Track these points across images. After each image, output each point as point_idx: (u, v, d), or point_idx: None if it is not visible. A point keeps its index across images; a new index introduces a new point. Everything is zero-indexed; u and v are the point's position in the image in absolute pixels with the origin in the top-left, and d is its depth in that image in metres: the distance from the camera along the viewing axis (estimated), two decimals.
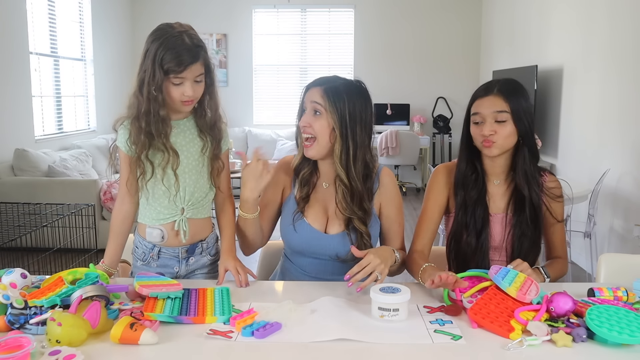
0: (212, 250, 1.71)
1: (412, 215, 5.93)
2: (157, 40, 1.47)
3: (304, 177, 1.66)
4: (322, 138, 1.56)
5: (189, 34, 1.50)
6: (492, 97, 1.58)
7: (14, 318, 1.21)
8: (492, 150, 1.58)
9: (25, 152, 4.63)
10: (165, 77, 1.47)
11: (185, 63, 1.46)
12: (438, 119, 7.17)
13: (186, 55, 1.46)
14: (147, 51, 1.49)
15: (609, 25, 3.98)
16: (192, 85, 1.50)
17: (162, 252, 1.64)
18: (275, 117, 7.52)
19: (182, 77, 1.48)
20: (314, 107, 1.56)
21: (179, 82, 1.49)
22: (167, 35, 1.47)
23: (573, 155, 4.49)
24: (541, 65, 4.98)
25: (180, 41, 1.46)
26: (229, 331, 1.23)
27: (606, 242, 3.97)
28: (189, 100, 1.52)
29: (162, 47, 1.45)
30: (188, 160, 1.60)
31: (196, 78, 1.51)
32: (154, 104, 1.49)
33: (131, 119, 1.54)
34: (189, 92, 1.50)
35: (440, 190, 1.71)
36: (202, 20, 7.31)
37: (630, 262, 1.75)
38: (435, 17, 7.23)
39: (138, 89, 1.50)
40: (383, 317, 1.28)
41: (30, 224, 3.45)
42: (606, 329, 1.16)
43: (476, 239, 1.63)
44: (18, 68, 4.96)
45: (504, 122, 1.56)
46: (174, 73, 1.46)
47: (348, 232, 1.61)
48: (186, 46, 1.46)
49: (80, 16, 6.23)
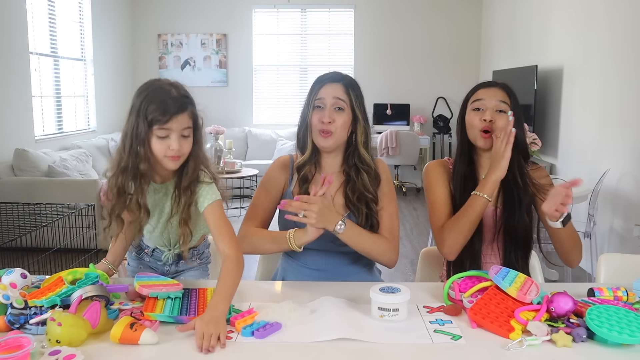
0: (202, 256, 1.75)
1: (412, 215, 5.93)
2: (143, 92, 1.41)
3: (305, 175, 1.69)
4: (342, 131, 1.62)
5: (176, 86, 1.43)
6: (496, 88, 1.66)
7: (14, 318, 1.21)
8: (489, 141, 1.63)
9: (25, 152, 4.63)
10: (149, 129, 1.38)
11: (170, 112, 1.37)
12: (438, 119, 7.17)
13: (172, 104, 1.38)
14: (132, 106, 1.41)
15: (608, 25, 3.98)
16: (178, 139, 1.40)
17: (155, 251, 1.70)
18: (275, 117, 7.52)
19: (167, 128, 1.38)
20: (337, 104, 1.62)
21: (164, 134, 1.39)
22: (154, 87, 1.41)
23: (573, 155, 4.49)
24: (541, 65, 4.98)
25: (166, 92, 1.40)
26: (229, 331, 1.23)
27: (606, 242, 3.97)
28: (175, 155, 1.41)
29: (147, 99, 1.38)
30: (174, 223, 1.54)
31: (183, 132, 1.40)
32: (134, 159, 1.40)
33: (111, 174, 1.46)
34: (174, 146, 1.39)
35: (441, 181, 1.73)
36: (202, 20, 7.32)
37: (630, 262, 1.75)
38: (435, 17, 7.22)
39: (121, 144, 1.42)
40: (383, 317, 1.28)
41: (30, 224, 3.45)
42: (606, 329, 1.16)
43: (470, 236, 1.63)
44: (18, 68, 4.96)
45: (503, 113, 1.62)
46: (158, 124, 1.37)
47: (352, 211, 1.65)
48: (172, 96, 1.39)
49: (80, 16, 6.23)
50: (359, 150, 1.66)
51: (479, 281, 1.42)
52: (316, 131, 1.64)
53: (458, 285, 1.42)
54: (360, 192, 1.65)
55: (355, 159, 1.67)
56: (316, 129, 1.63)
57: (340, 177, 1.71)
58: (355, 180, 1.66)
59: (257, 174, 5.77)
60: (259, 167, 6.16)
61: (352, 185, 1.66)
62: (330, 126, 1.61)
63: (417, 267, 1.94)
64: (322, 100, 1.63)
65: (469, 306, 1.32)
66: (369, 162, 1.67)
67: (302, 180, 1.69)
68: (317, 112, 1.63)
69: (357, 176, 1.66)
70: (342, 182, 1.70)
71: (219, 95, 7.35)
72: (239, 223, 1.73)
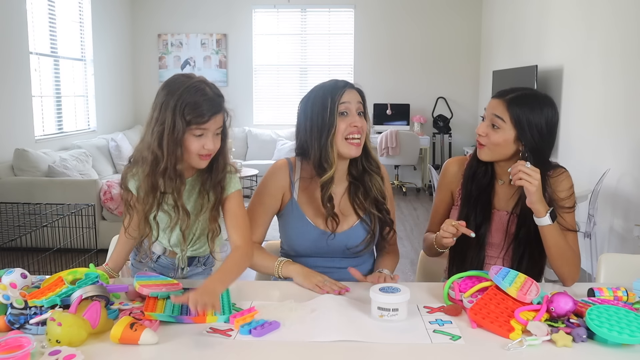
0: (208, 261, 1.73)
1: (412, 215, 5.93)
2: (176, 91, 1.39)
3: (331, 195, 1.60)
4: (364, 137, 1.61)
5: (209, 84, 1.44)
6: (499, 100, 1.57)
7: (14, 318, 1.21)
8: (482, 152, 1.61)
9: (25, 152, 4.63)
10: (187, 128, 1.38)
11: (209, 113, 1.38)
12: (438, 119, 7.17)
13: (210, 105, 1.39)
14: (163, 103, 1.39)
15: (609, 25, 3.98)
16: (213, 138, 1.42)
17: (160, 258, 1.66)
18: (275, 117, 7.52)
19: (205, 128, 1.40)
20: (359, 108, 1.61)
21: (200, 133, 1.40)
22: (188, 85, 1.40)
23: (573, 155, 4.49)
24: (541, 65, 4.98)
25: (202, 91, 1.40)
26: (229, 329, 1.23)
27: (606, 242, 3.97)
28: (208, 154, 1.44)
29: (183, 98, 1.37)
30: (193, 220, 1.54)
31: (217, 130, 1.43)
32: (172, 158, 1.40)
33: (144, 174, 1.44)
34: (209, 145, 1.41)
35: (446, 186, 1.74)
36: (202, 20, 7.32)
37: (630, 262, 1.75)
38: (435, 17, 7.22)
39: (157, 143, 1.39)
40: (382, 317, 1.28)
41: (30, 224, 3.45)
42: (606, 329, 1.16)
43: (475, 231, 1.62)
44: (18, 68, 4.96)
45: (498, 129, 1.55)
46: (197, 124, 1.38)
47: (363, 220, 1.64)
48: (209, 96, 1.40)
49: (80, 16, 6.23)
50: (370, 154, 1.65)
51: (479, 281, 1.42)
52: (344, 139, 1.56)
53: (458, 285, 1.42)
54: (374, 196, 1.64)
55: (365, 162, 1.65)
56: (343, 136, 1.56)
57: (344, 182, 1.68)
58: (370, 185, 1.64)
59: (257, 174, 5.77)
60: (259, 167, 6.16)
61: (365, 190, 1.64)
62: (359, 130, 1.57)
63: (417, 267, 1.94)
64: (347, 104, 1.57)
65: (469, 306, 1.32)
66: (379, 164, 1.68)
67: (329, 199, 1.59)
68: (343, 119, 1.56)
69: (370, 181, 1.64)
70: (346, 188, 1.67)
71: None
72: None
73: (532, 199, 1.47)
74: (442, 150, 7.25)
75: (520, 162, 1.47)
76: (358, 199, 1.64)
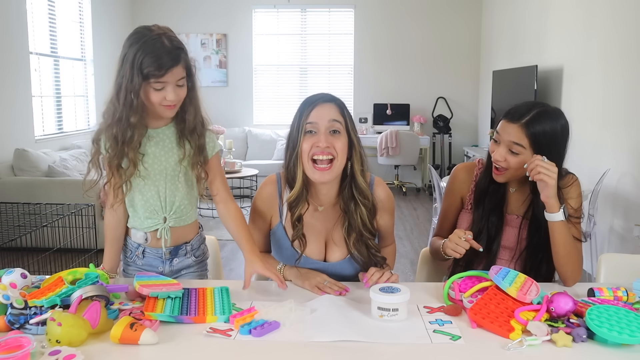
0: (198, 252, 1.69)
1: (412, 215, 5.93)
2: (135, 43, 1.41)
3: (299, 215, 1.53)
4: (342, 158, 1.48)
5: (169, 36, 1.44)
6: (516, 125, 1.52)
7: (14, 318, 1.21)
8: (500, 177, 1.59)
9: (25, 152, 4.63)
10: (145, 81, 1.41)
11: (166, 66, 1.40)
12: (438, 119, 7.17)
13: (166, 58, 1.40)
14: (124, 55, 1.43)
15: (608, 25, 3.97)
16: (174, 89, 1.44)
17: (146, 251, 1.64)
18: (275, 117, 7.51)
19: (163, 81, 1.42)
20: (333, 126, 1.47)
21: (160, 86, 1.43)
22: (146, 38, 1.41)
23: (573, 155, 4.48)
24: (541, 65, 4.98)
25: (160, 44, 1.40)
26: (229, 329, 1.23)
27: (606, 242, 3.97)
28: (171, 104, 1.46)
29: (141, 51, 1.39)
30: (167, 170, 1.56)
31: (178, 82, 1.45)
32: (129, 110, 1.44)
33: (106, 125, 1.48)
34: (170, 97, 1.44)
35: (456, 192, 1.73)
36: (202, 20, 7.32)
37: (630, 262, 1.75)
38: (435, 17, 7.22)
39: (115, 95, 1.45)
40: (382, 317, 1.28)
41: (30, 224, 3.45)
42: (606, 329, 1.16)
43: (487, 244, 1.62)
44: (18, 68, 4.96)
45: (517, 154, 1.53)
46: (154, 77, 1.41)
47: (352, 256, 1.56)
48: (166, 49, 1.40)
49: (80, 16, 6.23)
50: (356, 180, 1.51)
51: (479, 281, 1.42)
52: (308, 161, 1.46)
53: (458, 285, 1.42)
54: (359, 230, 1.52)
55: (353, 190, 1.52)
56: (308, 157, 1.45)
57: (337, 210, 1.58)
58: (354, 215, 1.51)
59: (257, 174, 5.77)
60: (259, 167, 6.16)
61: (350, 223, 1.52)
62: (329, 151, 1.44)
63: (417, 267, 1.94)
64: (314, 124, 1.45)
65: (469, 306, 1.32)
66: (367, 194, 1.52)
67: (297, 219, 1.52)
68: (308, 138, 1.46)
69: (355, 211, 1.51)
70: (339, 216, 1.57)
71: (219, 95, 7.34)
72: None
73: (548, 192, 1.46)
74: (442, 150, 7.25)
75: (537, 157, 1.47)
76: (345, 234, 1.54)
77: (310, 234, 1.57)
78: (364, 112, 7.19)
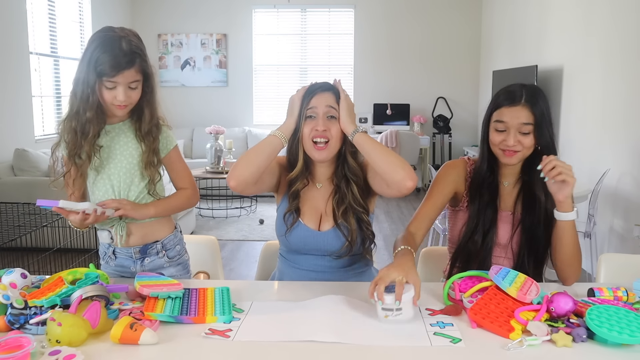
0: (172, 252, 1.70)
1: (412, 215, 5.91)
2: (95, 41, 1.47)
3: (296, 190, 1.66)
4: (337, 141, 1.60)
5: (128, 39, 1.48)
6: (519, 107, 1.54)
7: (14, 318, 1.21)
8: (513, 159, 1.58)
9: (25, 152, 4.63)
10: (98, 79, 1.46)
11: (118, 67, 1.45)
12: (438, 119, 7.17)
13: (121, 59, 1.45)
14: (84, 52, 1.48)
15: (608, 25, 3.98)
16: (126, 91, 1.49)
17: (117, 251, 1.66)
18: (275, 117, 7.51)
19: (115, 81, 1.47)
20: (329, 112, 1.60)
21: (111, 85, 1.48)
22: (106, 38, 1.47)
23: (573, 155, 4.49)
24: (541, 65, 4.98)
25: (117, 45, 1.45)
26: (227, 330, 1.23)
27: (606, 242, 3.97)
28: (121, 105, 1.51)
29: (98, 49, 1.45)
30: (121, 164, 1.59)
31: (130, 84, 1.49)
32: (85, 105, 1.49)
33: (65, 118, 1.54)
34: (120, 97, 1.48)
35: (448, 183, 1.70)
36: (202, 20, 7.32)
37: (630, 262, 1.75)
38: (435, 17, 7.23)
39: (73, 89, 1.51)
40: (387, 317, 1.27)
41: (30, 224, 3.45)
42: (606, 329, 1.16)
43: (482, 238, 1.62)
44: (18, 68, 4.96)
45: (528, 134, 1.54)
46: (106, 76, 1.45)
47: (337, 225, 1.63)
48: (122, 51, 1.45)
49: (80, 16, 6.23)
50: (348, 161, 1.64)
51: (479, 281, 1.42)
52: (309, 143, 1.60)
53: (458, 285, 1.42)
54: (349, 204, 1.62)
55: (345, 169, 1.65)
56: (309, 140, 1.60)
57: (330, 186, 1.69)
58: (345, 192, 1.63)
59: None
60: None
61: (341, 197, 1.64)
62: (326, 134, 1.58)
63: (417, 267, 1.94)
64: (314, 109, 1.60)
65: (469, 306, 1.32)
66: (357, 173, 1.64)
67: (293, 195, 1.65)
68: (309, 122, 1.60)
69: (347, 187, 1.64)
70: (331, 192, 1.68)
71: (219, 95, 7.34)
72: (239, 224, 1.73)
73: (568, 192, 1.46)
74: (442, 150, 7.25)
75: (553, 157, 1.46)
76: (335, 205, 1.64)
77: (309, 206, 1.68)
78: (364, 112, 7.19)
